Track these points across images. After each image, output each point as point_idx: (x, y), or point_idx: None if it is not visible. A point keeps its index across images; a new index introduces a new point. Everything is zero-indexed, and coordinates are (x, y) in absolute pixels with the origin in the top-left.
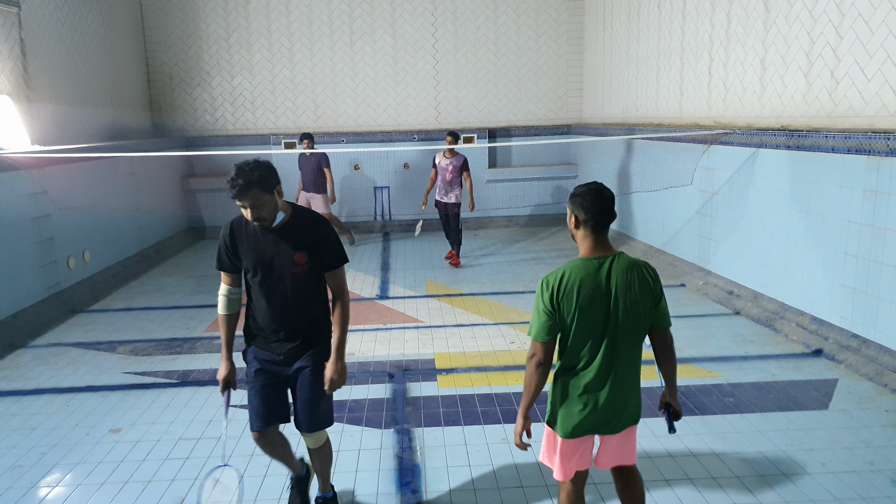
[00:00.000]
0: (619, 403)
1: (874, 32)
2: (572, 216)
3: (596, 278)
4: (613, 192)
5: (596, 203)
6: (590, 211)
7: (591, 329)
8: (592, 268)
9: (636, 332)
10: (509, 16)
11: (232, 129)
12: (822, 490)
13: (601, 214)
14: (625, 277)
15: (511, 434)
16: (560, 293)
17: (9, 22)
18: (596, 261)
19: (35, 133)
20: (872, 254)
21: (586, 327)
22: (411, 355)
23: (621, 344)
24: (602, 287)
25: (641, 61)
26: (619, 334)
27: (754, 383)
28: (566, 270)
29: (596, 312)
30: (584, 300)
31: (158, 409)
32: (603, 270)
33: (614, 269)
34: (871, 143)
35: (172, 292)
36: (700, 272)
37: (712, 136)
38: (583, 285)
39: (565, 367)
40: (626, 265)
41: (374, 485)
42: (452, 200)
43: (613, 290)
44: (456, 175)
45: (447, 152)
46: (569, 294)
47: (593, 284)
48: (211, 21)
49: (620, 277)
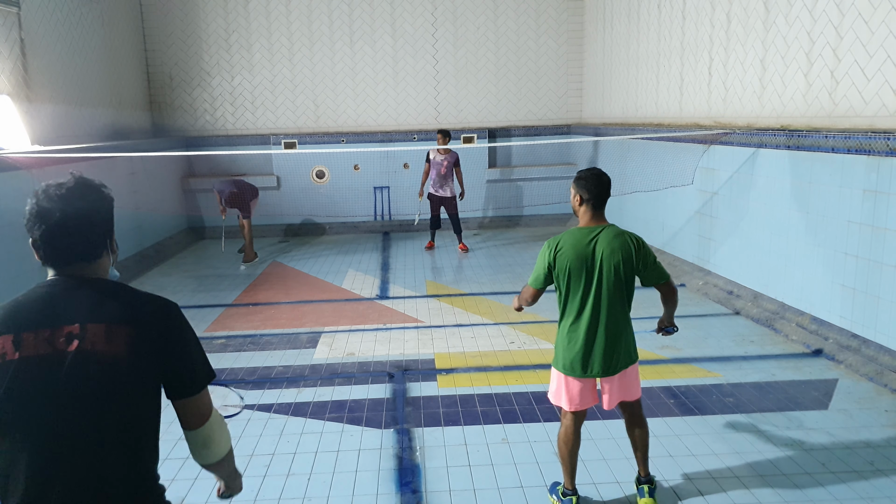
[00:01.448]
0: (608, 347)
1: (874, 32)
2: (577, 195)
3: (585, 244)
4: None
5: (597, 185)
6: (591, 192)
7: (580, 285)
8: (584, 235)
9: (619, 289)
10: (509, 16)
11: (232, 129)
12: (822, 490)
13: (600, 195)
14: (610, 244)
15: (511, 434)
16: (556, 253)
17: (9, 22)
18: (588, 230)
19: (35, 133)
20: (872, 254)
21: (576, 284)
22: (411, 355)
23: (606, 298)
24: (589, 251)
25: (641, 61)
26: (604, 290)
27: (754, 383)
28: (563, 236)
29: (583, 272)
30: (574, 261)
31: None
32: (591, 239)
33: (602, 236)
34: (871, 143)
35: (172, 292)
36: (700, 272)
37: (712, 136)
38: (574, 249)
39: (563, 316)
40: (613, 234)
41: (374, 485)
42: (448, 194)
43: (599, 254)
44: (449, 170)
45: (441, 148)
46: (562, 255)
47: (582, 249)
48: (211, 21)
49: (606, 244)
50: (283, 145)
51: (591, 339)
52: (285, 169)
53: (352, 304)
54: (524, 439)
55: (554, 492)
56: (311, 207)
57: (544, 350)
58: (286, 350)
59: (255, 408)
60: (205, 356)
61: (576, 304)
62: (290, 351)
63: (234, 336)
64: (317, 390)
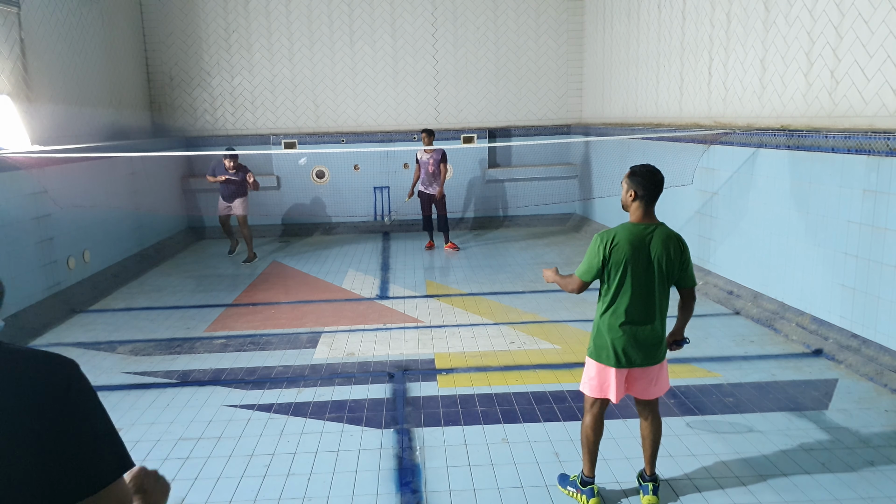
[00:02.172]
0: (649, 341)
1: (874, 32)
2: (630, 190)
3: (640, 241)
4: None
5: (652, 183)
6: (646, 188)
7: (631, 279)
8: (639, 231)
9: (662, 287)
10: (509, 16)
11: (232, 129)
12: (822, 490)
13: (653, 193)
14: (663, 242)
15: (511, 434)
16: (611, 247)
17: (9, 22)
18: (642, 227)
19: (35, 133)
20: (872, 254)
21: (627, 277)
22: (411, 355)
23: (649, 295)
24: (643, 248)
25: (641, 61)
26: (649, 287)
27: (754, 383)
28: (618, 231)
29: (634, 267)
30: (629, 255)
31: (158, 409)
32: (646, 235)
33: (656, 234)
34: (871, 143)
35: (172, 292)
36: (700, 272)
37: (712, 136)
38: (630, 244)
39: (604, 308)
40: (665, 235)
41: (374, 485)
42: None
43: (652, 252)
44: (437, 168)
45: (427, 148)
46: (617, 249)
47: (637, 245)
48: (211, 21)
49: (660, 242)
50: (283, 145)
51: (634, 331)
52: (286, 169)
53: (352, 304)
54: (524, 439)
55: (568, 484)
56: (311, 207)
57: (544, 350)
58: (286, 350)
59: (255, 408)
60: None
61: (625, 297)
62: (290, 351)
63: (234, 336)
64: (317, 390)
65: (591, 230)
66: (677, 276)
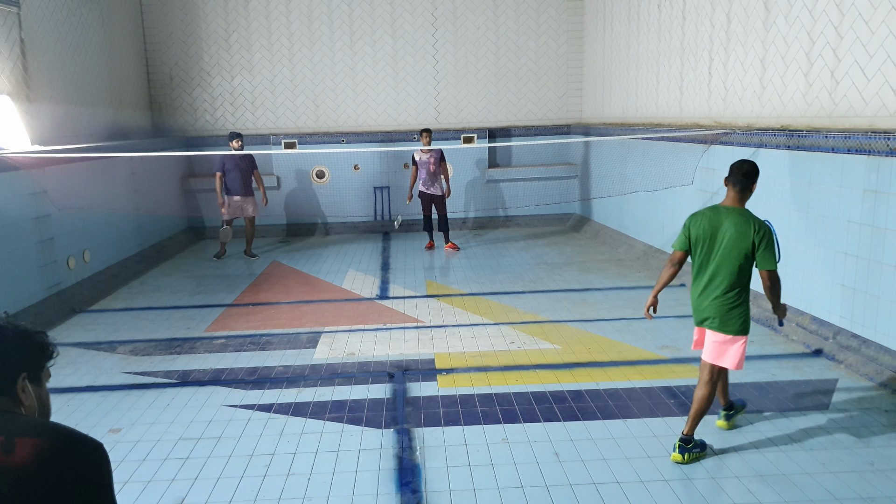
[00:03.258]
0: (714, 308)
1: (874, 32)
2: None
3: (717, 219)
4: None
5: (734, 173)
6: (731, 177)
7: (704, 253)
8: (718, 212)
9: (732, 262)
10: (509, 16)
11: (232, 129)
12: (822, 490)
13: (734, 181)
14: (735, 223)
15: (511, 434)
16: (693, 223)
17: (9, 22)
18: (723, 208)
19: (35, 133)
20: (872, 254)
21: (702, 251)
22: (411, 355)
23: (720, 268)
24: (717, 226)
25: (641, 61)
26: (720, 261)
27: (754, 383)
28: (704, 211)
29: (708, 242)
30: (705, 232)
31: (158, 409)
32: (724, 215)
33: (731, 215)
34: (871, 143)
35: (172, 292)
36: None
37: (712, 136)
38: (709, 222)
39: (693, 278)
40: (740, 216)
41: (374, 485)
42: (438, 192)
43: (725, 230)
44: (437, 167)
45: (425, 148)
46: (696, 226)
47: (714, 223)
48: (211, 21)
49: (732, 223)
50: (283, 145)
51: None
52: (285, 169)
53: (352, 304)
54: (524, 439)
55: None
56: (311, 207)
57: (544, 350)
58: (286, 350)
59: (255, 408)
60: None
61: (698, 269)
62: (290, 351)
63: (234, 336)
64: (317, 390)
65: (591, 230)
66: (755, 257)
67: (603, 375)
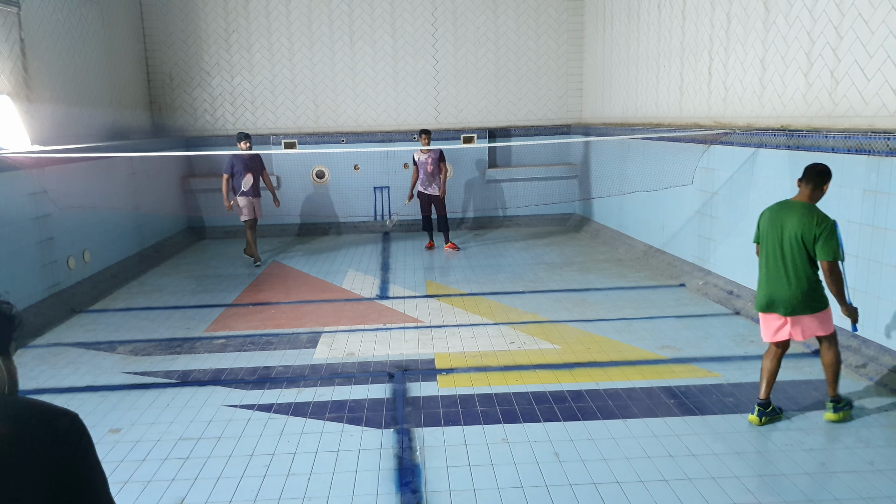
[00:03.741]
0: (781, 294)
1: (874, 32)
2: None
3: (781, 212)
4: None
5: (808, 170)
6: (806, 174)
7: (768, 243)
8: (783, 206)
9: (793, 251)
10: (509, 16)
11: (232, 129)
12: (822, 490)
13: (807, 176)
14: (796, 215)
15: (511, 434)
16: (762, 218)
17: (9, 22)
18: (789, 203)
19: (35, 133)
20: (872, 254)
21: (766, 241)
22: (411, 355)
23: (784, 255)
24: (780, 218)
25: (641, 61)
26: (784, 249)
27: (754, 383)
28: (774, 205)
29: (771, 232)
30: (770, 223)
31: (158, 409)
32: (790, 209)
33: (794, 208)
34: (871, 143)
35: (172, 292)
36: (700, 272)
37: (712, 136)
38: (774, 214)
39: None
40: (802, 208)
41: (374, 485)
42: (437, 193)
43: (786, 222)
44: (436, 167)
45: (424, 149)
46: (763, 218)
47: (778, 215)
48: (211, 21)
49: (794, 214)
50: (283, 145)
51: (769, 285)
52: (285, 169)
53: (352, 304)
54: (524, 439)
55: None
56: (311, 207)
57: (544, 350)
58: (286, 350)
59: (255, 408)
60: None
61: (764, 257)
62: (290, 351)
63: (234, 336)
64: (317, 390)
65: (591, 230)
66: (813, 248)
67: (603, 375)
